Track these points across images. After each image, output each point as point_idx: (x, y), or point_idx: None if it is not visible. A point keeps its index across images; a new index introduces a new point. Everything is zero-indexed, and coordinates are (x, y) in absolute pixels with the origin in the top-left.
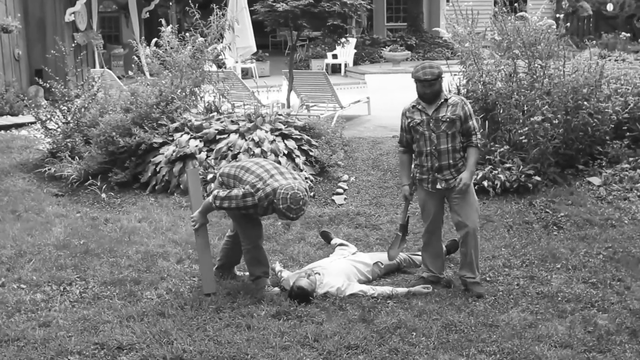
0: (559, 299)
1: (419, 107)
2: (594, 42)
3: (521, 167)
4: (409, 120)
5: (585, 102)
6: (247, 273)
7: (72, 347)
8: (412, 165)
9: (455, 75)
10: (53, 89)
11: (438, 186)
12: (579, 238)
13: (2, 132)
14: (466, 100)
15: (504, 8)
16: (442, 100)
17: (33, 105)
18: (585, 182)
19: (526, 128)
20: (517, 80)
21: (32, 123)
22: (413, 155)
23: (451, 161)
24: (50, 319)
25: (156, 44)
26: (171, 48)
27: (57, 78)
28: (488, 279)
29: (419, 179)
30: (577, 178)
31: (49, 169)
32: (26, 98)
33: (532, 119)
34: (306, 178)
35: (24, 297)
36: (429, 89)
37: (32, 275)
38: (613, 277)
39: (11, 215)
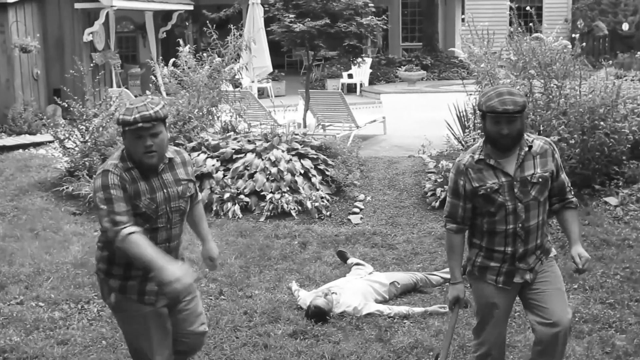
0: (577, 319)
1: (490, 161)
2: (610, 61)
3: None
4: (477, 184)
5: (602, 122)
6: None
7: None
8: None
9: (470, 95)
10: (71, 108)
11: (517, 279)
12: (596, 258)
13: (21, 150)
14: (553, 142)
15: (519, 28)
16: (526, 149)
17: (51, 124)
18: (602, 202)
19: None
20: (533, 101)
21: (50, 142)
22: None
23: (539, 241)
24: (68, 337)
25: (174, 64)
26: (188, 68)
27: (76, 97)
28: None
29: (481, 266)
30: (594, 198)
31: (67, 188)
32: (44, 117)
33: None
34: (322, 197)
35: (42, 314)
36: (507, 128)
37: (50, 293)
38: (631, 297)
39: (29, 233)
